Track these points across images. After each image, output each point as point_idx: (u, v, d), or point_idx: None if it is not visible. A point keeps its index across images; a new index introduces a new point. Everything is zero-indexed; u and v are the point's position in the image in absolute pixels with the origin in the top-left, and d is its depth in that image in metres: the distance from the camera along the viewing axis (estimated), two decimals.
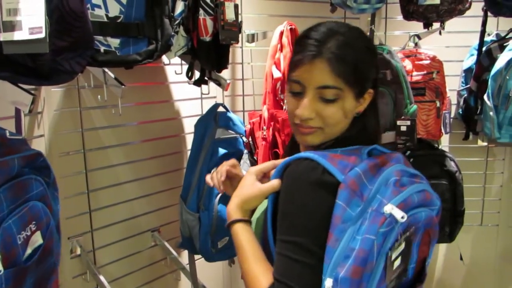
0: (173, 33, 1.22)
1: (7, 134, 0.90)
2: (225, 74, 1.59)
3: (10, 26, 0.70)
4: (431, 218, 0.84)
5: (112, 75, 1.26)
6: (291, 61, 0.87)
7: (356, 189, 0.75)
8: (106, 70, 1.27)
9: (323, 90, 0.82)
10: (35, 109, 1.23)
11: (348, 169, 0.77)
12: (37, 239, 0.93)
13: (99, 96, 1.32)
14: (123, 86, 1.24)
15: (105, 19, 1.10)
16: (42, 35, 0.71)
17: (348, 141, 0.85)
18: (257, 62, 1.93)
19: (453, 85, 2.09)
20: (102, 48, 1.10)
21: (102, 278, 1.38)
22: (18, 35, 0.71)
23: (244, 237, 0.85)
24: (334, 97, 0.82)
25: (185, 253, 1.72)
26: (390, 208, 0.74)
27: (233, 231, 0.86)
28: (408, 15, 1.81)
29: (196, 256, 1.62)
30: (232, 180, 0.99)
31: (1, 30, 0.71)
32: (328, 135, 0.87)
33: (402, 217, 0.74)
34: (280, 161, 0.86)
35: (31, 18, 0.71)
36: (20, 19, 0.71)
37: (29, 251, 0.90)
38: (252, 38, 1.86)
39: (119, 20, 1.12)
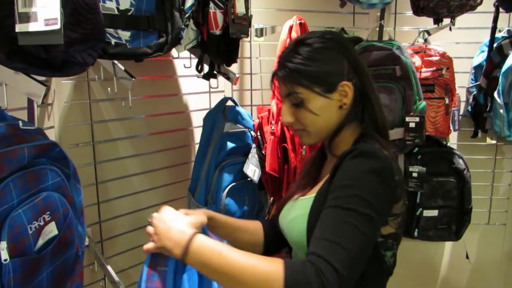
0: (183, 27, 1.22)
1: (20, 124, 0.91)
2: (233, 68, 1.59)
3: (26, 17, 0.71)
4: None
5: (122, 68, 1.27)
6: None
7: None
8: (116, 62, 1.28)
9: (288, 98, 0.99)
10: (46, 100, 1.24)
11: None
12: (52, 230, 0.94)
13: (109, 89, 1.32)
14: (133, 79, 1.24)
15: (116, 12, 1.10)
16: (57, 26, 0.72)
17: (344, 130, 1.00)
18: (265, 57, 1.93)
19: (463, 82, 2.08)
20: (113, 41, 1.10)
21: (110, 268, 1.40)
22: (33, 26, 0.71)
23: (217, 243, 0.85)
24: (298, 101, 0.97)
25: None
26: None
27: (197, 246, 0.83)
28: (418, 11, 1.80)
29: None
30: None
31: (17, 21, 0.72)
32: (317, 134, 1.00)
33: None
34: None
35: (47, 10, 0.71)
36: (35, 11, 0.71)
37: (41, 241, 0.91)
38: (260, 32, 1.86)
39: (129, 13, 1.12)
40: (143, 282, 0.91)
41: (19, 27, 0.72)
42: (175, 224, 0.88)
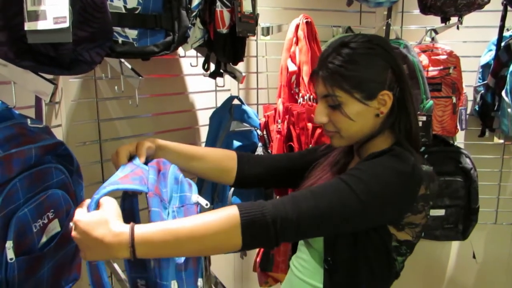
0: (190, 25, 1.22)
1: (29, 122, 0.91)
2: (239, 67, 1.59)
3: (35, 16, 0.71)
4: None
5: (129, 66, 1.27)
6: None
7: (160, 194, 0.86)
8: (123, 61, 1.28)
9: (326, 99, 0.98)
10: (54, 99, 1.24)
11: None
12: (55, 227, 0.95)
13: (116, 87, 1.33)
14: (140, 77, 1.25)
15: (123, 11, 1.10)
16: (66, 24, 0.72)
17: (377, 139, 0.99)
18: (271, 55, 1.92)
19: (470, 81, 2.06)
20: (120, 39, 1.10)
21: (116, 266, 1.40)
22: (42, 25, 0.72)
23: (155, 224, 0.79)
24: (336, 103, 0.95)
25: None
26: (196, 198, 0.90)
27: (141, 238, 0.75)
28: (426, 9, 1.79)
29: None
30: None
31: (26, 19, 0.72)
32: (349, 138, 0.99)
33: (207, 204, 0.91)
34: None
35: (55, 8, 0.72)
36: (44, 9, 0.71)
37: (44, 239, 0.92)
38: (267, 31, 1.85)
39: (137, 12, 1.12)
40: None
41: (28, 25, 0.72)
42: (103, 231, 0.75)
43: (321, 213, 0.83)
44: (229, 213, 0.80)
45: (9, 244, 0.82)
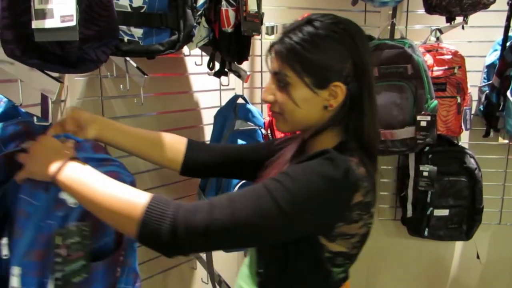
0: (195, 24, 1.22)
1: (35, 120, 0.92)
2: (244, 66, 1.59)
3: (42, 14, 0.72)
4: None
5: (134, 65, 1.28)
6: None
7: (38, 182, 0.83)
8: (128, 59, 1.29)
9: (276, 76, 0.90)
10: (58, 97, 1.25)
11: None
12: None
13: (121, 86, 1.33)
14: (145, 76, 1.25)
15: (129, 9, 1.11)
16: (73, 23, 0.73)
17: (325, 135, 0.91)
18: None
19: (475, 81, 2.05)
20: (125, 38, 1.11)
21: None
22: (49, 23, 0.72)
23: (88, 169, 0.82)
24: (283, 83, 0.88)
25: None
26: (65, 194, 0.83)
27: (70, 171, 0.80)
28: (431, 9, 1.78)
29: None
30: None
31: (33, 18, 0.72)
32: (293, 124, 0.92)
33: (75, 204, 0.84)
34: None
35: (62, 6, 0.72)
36: (51, 7, 0.72)
37: None
38: (271, 30, 1.85)
39: (142, 10, 1.13)
40: None
41: (35, 24, 0.73)
42: (52, 149, 0.83)
43: (236, 223, 0.76)
44: (137, 201, 0.76)
45: (5, 241, 0.84)
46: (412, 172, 1.94)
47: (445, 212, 1.91)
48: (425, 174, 1.87)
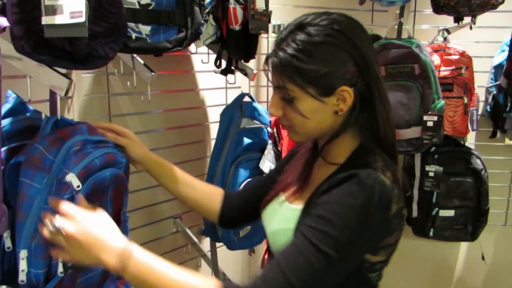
0: (202, 22, 1.22)
1: (43, 117, 0.92)
2: (250, 64, 1.59)
3: (52, 10, 0.72)
4: (117, 175, 0.95)
5: (142, 62, 1.28)
6: None
7: (38, 164, 0.83)
8: (136, 56, 1.29)
9: (278, 90, 0.87)
10: (67, 93, 1.25)
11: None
12: None
13: (128, 83, 1.33)
14: (153, 73, 1.25)
15: (137, 6, 1.11)
16: (82, 19, 0.73)
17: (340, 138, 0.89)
18: None
19: (482, 81, 2.04)
20: (133, 35, 1.11)
21: None
22: (59, 19, 0.72)
23: (152, 257, 0.80)
24: (288, 97, 0.85)
25: (205, 241, 1.74)
26: (71, 177, 0.83)
27: (135, 261, 0.77)
28: (439, 9, 1.78)
29: (217, 244, 1.64)
30: None
31: (43, 13, 0.73)
32: (306, 135, 0.91)
33: (78, 186, 0.83)
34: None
35: (72, 2, 0.72)
36: (61, 3, 0.72)
37: None
38: (278, 28, 1.85)
39: (150, 8, 1.13)
40: None
41: (45, 20, 0.73)
42: (103, 233, 0.78)
43: (295, 287, 0.75)
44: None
45: (7, 234, 0.85)
46: (418, 172, 1.93)
47: (450, 212, 1.91)
48: (431, 174, 1.87)
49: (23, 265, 0.81)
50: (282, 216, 0.95)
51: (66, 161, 0.86)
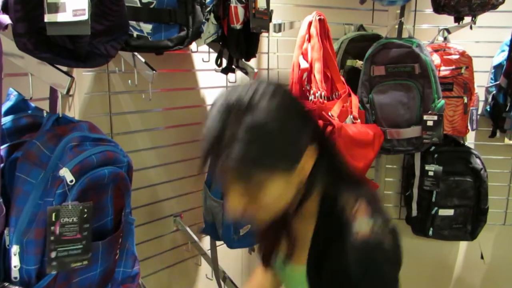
0: (204, 20, 1.22)
1: (44, 114, 0.93)
2: (251, 63, 1.59)
3: (54, 8, 0.72)
4: (117, 174, 0.94)
5: (143, 60, 1.28)
6: None
7: (35, 160, 0.84)
8: (137, 54, 1.29)
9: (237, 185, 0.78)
10: (69, 91, 1.26)
11: None
12: None
13: (129, 81, 1.34)
14: (154, 71, 1.25)
15: (139, 4, 1.11)
16: (85, 17, 0.73)
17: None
18: (283, 52, 1.92)
19: (482, 81, 2.05)
20: (135, 33, 1.11)
21: None
22: (61, 17, 0.72)
23: None
24: (250, 194, 0.77)
25: (205, 239, 1.75)
26: (64, 172, 0.82)
27: None
28: (439, 9, 1.78)
29: (217, 243, 1.64)
30: None
31: (46, 11, 0.73)
32: (274, 215, 0.81)
33: (71, 181, 0.83)
34: None
35: (75, 0, 0.72)
36: (64, 1, 0.72)
37: None
38: (279, 27, 1.85)
39: (152, 6, 1.13)
40: None
41: (48, 17, 0.73)
42: None
43: None
44: None
45: (7, 231, 0.84)
46: (417, 172, 1.94)
47: (450, 212, 1.91)
48: (431, 173, 1.87)
49: (15, 261, 0.80)
50: (292, 277, 0.92)
51: (62, 156, 0.85)
